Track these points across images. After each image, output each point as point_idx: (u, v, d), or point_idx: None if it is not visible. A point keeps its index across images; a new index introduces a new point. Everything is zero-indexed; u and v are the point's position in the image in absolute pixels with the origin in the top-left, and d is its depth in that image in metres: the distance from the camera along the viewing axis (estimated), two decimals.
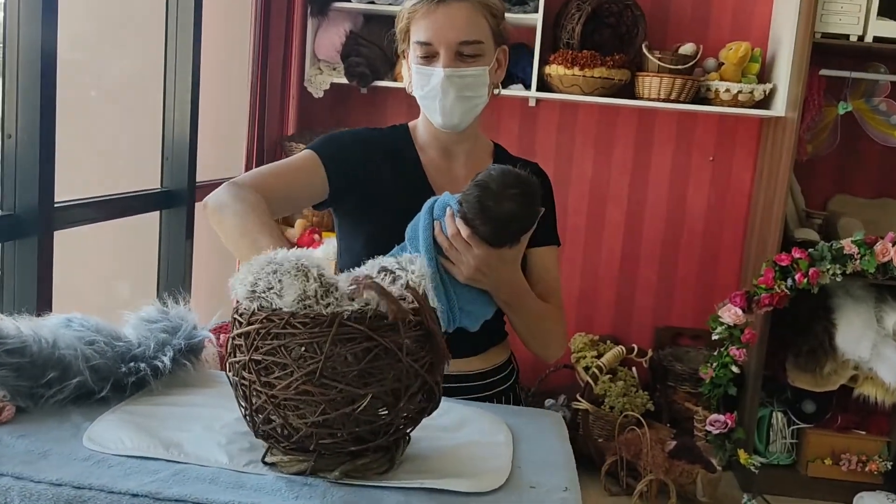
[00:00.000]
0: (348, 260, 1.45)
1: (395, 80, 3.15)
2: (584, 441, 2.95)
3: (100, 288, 2.88)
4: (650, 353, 3.14)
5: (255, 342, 0.83)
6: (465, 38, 1.34)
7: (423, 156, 1.47)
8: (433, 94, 1.37)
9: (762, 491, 2.88)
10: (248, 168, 2.94)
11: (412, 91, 1.43)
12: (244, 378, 0.84)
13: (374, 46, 3.08)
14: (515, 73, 3.10)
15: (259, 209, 1.23)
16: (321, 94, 3.18)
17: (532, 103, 3.28)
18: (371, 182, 1.41)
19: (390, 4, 3.03)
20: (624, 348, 3.02)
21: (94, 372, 0.98)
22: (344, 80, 3.12)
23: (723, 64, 3.04)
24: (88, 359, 0.97)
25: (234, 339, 0.86)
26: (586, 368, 3.06)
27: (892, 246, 2.75)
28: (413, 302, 0.84)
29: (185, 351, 1.07)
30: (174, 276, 2.64)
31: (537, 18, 2.99)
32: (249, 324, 0.84)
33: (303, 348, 0.80)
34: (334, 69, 3.17)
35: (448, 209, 1.25)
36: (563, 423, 1.13)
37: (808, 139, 3.04)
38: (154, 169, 2.61)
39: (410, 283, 0.87)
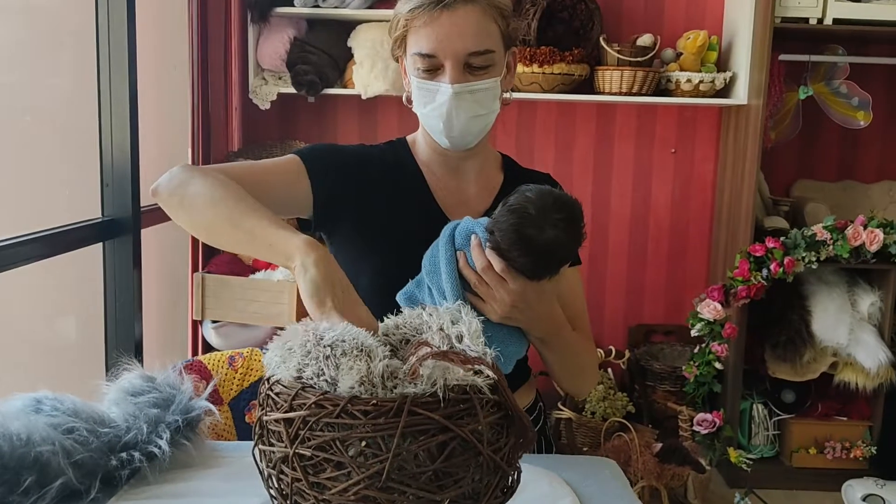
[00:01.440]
0: None
1: (345, 87, 2.99)
2: (570, 450, 2.84)
3: (43, 327, 2.65)
4: (627, 353, 3.06)
5: (302, 433, 0.66)
6: (474, 48, 1.17)
7: (429, 174, 1.30)
8: (439, 113, 1.20)
9: (748, 486, 2.82)
10: None
11: (411, 105, 1.27)
12: (283, 473, 0.68)
13: (321, 53, 2.91)
14: None
15: (233, 185, 1.03)
16: (268, 106, 2.99)
17: None
18: (370, 204, 1.24)
19: (336, 8, 2.86)
20: (602, 351, 2.92)
21: (79, 468, 0.81)
22: (291, 90, 2.94)
23: (681, 54, 2.97)
24: (70, 453, 0.80)
25: (269, 422, 0.70)
26: None
27: (864, 229, 2.72)
28: (487, 375, 0.69)
29: (182, 428, 0.90)
30: (123, 309, 2.43)
31: None
32: (293, 408, 0.67)
33: (363, 443, 0.64)
34: (280, 78, 2.99)
35: (473, 238, 1.09)
36: (620, 470, 1.00)
37: (770, 126, 3.00)
38: (94, 197, 2.39)
39: (471, 348, 0.71)
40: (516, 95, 2.94)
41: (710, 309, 2.73)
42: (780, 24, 2.74)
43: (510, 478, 0.71)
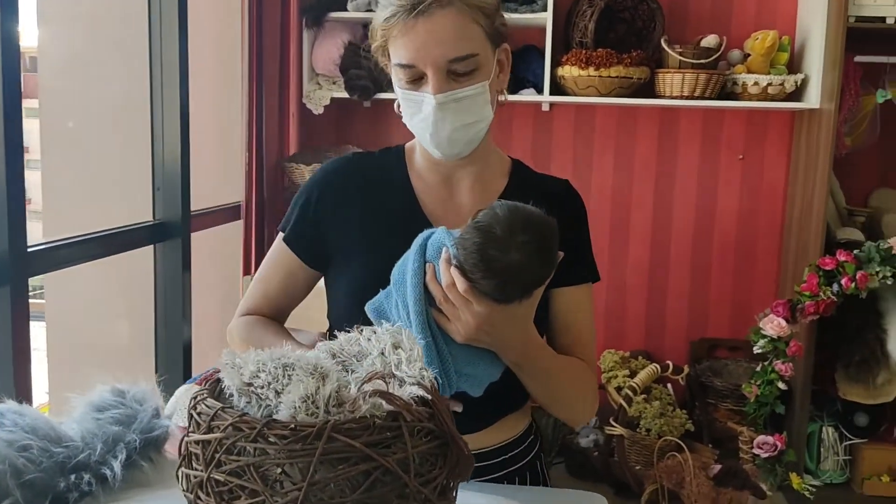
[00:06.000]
0: (333, 312, 1.25)
1: None
2: (621, 468, 2.74)
3: (96, 328, 2.73)
4: (686, 369, 2.92)
5: (217, 456, 0.63)
6: (455, 54, 1.10)
7: (418, 182, 1.24)
8: (425, 125, 1.14)
9: None
10: (248, 192, 2.76)
11: (401, 116, 1.20)
12: (199, 499, 0.65)
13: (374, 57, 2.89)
14: (526, 76, 2.90)
15: (260, 323, 1.26)
16: (321, 111, 2.99)
17: (546, 108, 3.08)
18: (351, 222, 1.20)
19: None
20: (658, 366, 2.80)
21: (29, 489, 0.78)
22: (345, 95, 2.93)
23: (749, 55, 2.83)
24: (21, 473, 0.78)
25: (189, 443, 0.67)
26: (618, 389, 2.85)
27: None
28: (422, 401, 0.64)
29: (141, 448, 0.87)
30: (172, 310, 2.46)
31: (547, 17, 2.79)
32: (210, 429, 0.64)
33: (279, 470, 0.60)
34: (334, 83, 2.99)
35: (444, 251, 1.02)
36: None
37: (845, 131, 2.82)
38: (146, 200, 2.44)
39: (407, 373, 0.67)
40: (572, 99, 2.85)
41: (773, 325, 2.58)
42: (854, 23, 2.57)
43: None
